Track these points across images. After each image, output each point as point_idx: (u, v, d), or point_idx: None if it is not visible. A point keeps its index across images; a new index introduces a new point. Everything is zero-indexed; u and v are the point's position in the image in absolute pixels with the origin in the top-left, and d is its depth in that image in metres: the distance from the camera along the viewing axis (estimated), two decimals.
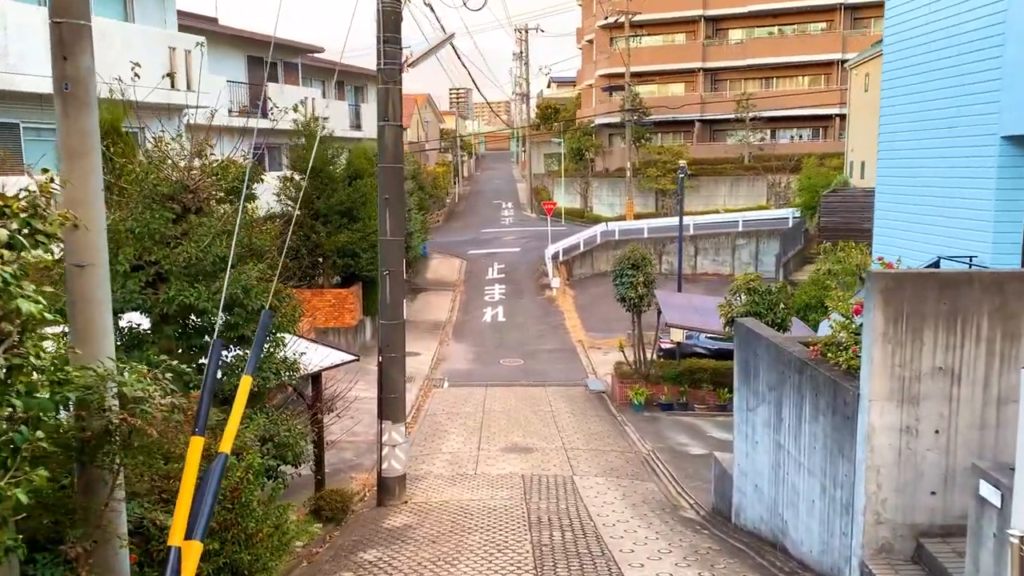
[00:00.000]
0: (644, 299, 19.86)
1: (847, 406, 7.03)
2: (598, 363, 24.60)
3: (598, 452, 15.67)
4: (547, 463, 14.76)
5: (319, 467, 11.73)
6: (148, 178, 7.80)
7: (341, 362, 11.66)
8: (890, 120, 15.50)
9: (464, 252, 42.18)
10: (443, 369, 24.18)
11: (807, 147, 47.38)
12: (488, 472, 14.12)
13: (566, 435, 16.95)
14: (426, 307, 32.84)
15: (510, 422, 18.04)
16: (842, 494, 7.13)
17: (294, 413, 8.65)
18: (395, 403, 11.55)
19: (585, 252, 38.53)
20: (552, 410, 19.33)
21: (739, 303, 11.59)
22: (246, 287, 7.79)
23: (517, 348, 26.57)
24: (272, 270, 8.65)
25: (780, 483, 8.76)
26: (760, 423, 9.39)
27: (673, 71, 51.52)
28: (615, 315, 29.84)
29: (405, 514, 11.24)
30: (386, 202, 10.99)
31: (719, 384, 19.55)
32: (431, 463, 14.93)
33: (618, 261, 20.51)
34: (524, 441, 16.41)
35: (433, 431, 17.46)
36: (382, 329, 11.43)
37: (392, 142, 10.99)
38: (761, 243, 38.65)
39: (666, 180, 47.33)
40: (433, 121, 73.47)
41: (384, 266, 11.17)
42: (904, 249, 12.95)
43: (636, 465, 14.89)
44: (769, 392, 9.05)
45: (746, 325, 9.79)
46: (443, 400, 20.50)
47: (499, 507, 11.41)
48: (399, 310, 11.33)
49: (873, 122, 29.41)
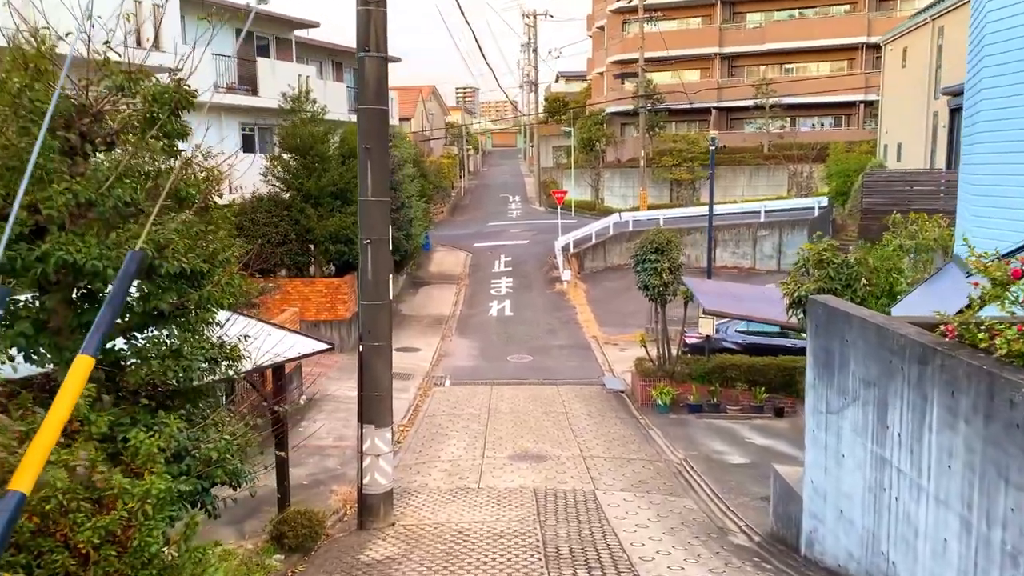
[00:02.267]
0: (669, 287, 17.63)
1: (1014, 409, 4.82)
2: (615, 360, 22.39)
3: (622, 461, 13.47)
4: (563, 474, 12.57)
5: (282, 482, 9.55)
6: (25, 94, 5.68)
7: (312, 352, 9.49)
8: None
9: (469, 245, 40.05)
10: (445, 366, 22.01)
11: (830, 135, 44.98)
12: (494, 485, 11.94)
13: (583, 440, 14.75)
14: (428, 301, 30.70)
15: (519, 425, 15.87)
16: (1005, 537, 4.92)
17: (236, 416, 6.48)
18: (379, 403, 9.38)
19: (597, 244, 36.28)
20: (566, 411, 17.14)
21: (808, 280, 9.40)
22: (159, 242, 5.64)
23: (526, 344, 24.39)
24: (208, 223, 6.48)
25: (884, 511, 6.55)
26: (849, 430, 7.18)
27: (688, 57, 49.19)
28: (631, 309, 27.69)
29: (390, 541, 9.06)
30: (367, 153, 8.84)
31: (754, 382, 17.33)
32: (427, 473, 12.76)
33: (639, 246, 18.29)
34: (535, 447, 14.22)
35: (432, 435, 15.29)
36: (363, 312, 9.28)
37: (375, 78, 8.84)
38: (785, 234, 36.26)
39: (681, 170, 45.09)
40: (438, 114, 71.43)
41: (366, 233, 9.03)
42: (993, 230, 10.69)
43: (667, 477, 12.68)
44: (866, 389, 6.84)
45: (827, 303, 7.58)
46: (444, 400, 18.33)
47: (507, 533, 9.23)
48: (384, 288, 9.17)
49: (911, 101, 27.17)
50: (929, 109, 25.30)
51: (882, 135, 31.05)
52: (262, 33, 28.40)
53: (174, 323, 6.12)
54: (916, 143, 26.33)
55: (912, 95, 26.84)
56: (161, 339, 6.00)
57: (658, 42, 47.93)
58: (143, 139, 6.40)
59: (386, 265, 9.20)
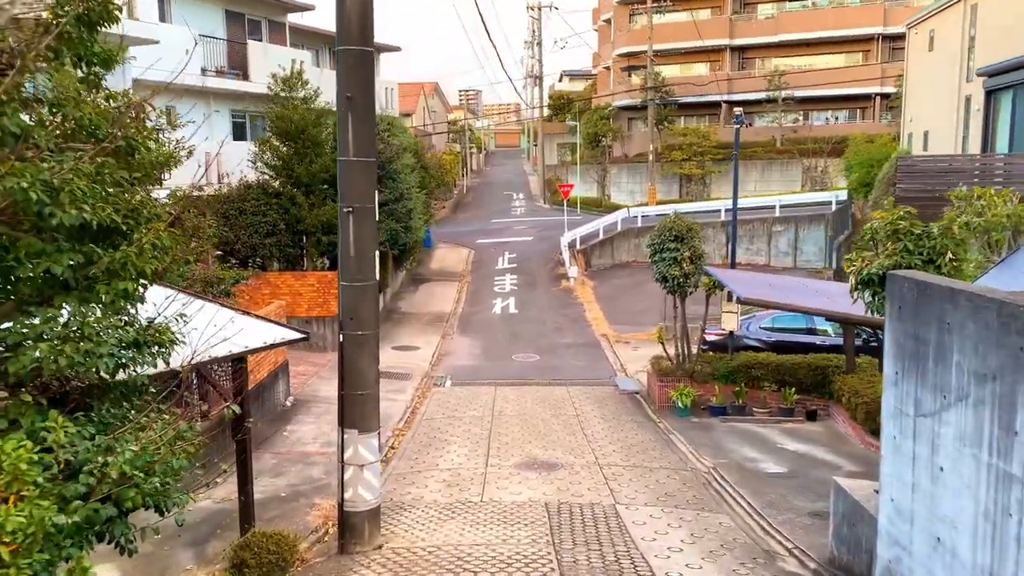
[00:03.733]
0: (691, 278, 16.11)
1: None
2: (627, 359, 20.88)
3: (643, 470, 11.95)
4: (578, 485, 11.05)
5: (244, 497, 8.03)
6: None
7: (282, 341, 7.99)
8: None
9: (472, 241, 38.59)
10: (446, 365, 20.51)
11: (845, 129, 43.36)
12: (499, 498, 10.43)
13: (598, 446, 13.24)
14: (429, 298, 29.22)
15: (526, 429, 14.36)
16: None
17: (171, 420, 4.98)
18: (363, 403, 7.88)
19: (605, 240, 34.75)
20: (577, 413, 15.63)
21: (878, 254, 7.86)
22: (52, 184, 4.17)
23: (532, 342, 22.88)
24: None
25: (1010, 544, 5.03)
26: (953, 437, 5.67)
27: (698, 49, 47.63)
28: (642, 307, 26.21)
29: (375, 569, 7.57)
30: (348, 103, 7.36)
31: (783, 383, 15.80)
32: (423, 484, 11.26)
33: (656, 234, 16.77)
34: (545, 454, 12.71)
35: (430, 440, 13.79)
36: (342, 293, 7.79)
37: (359, 10, 7.35)
38: (801, 229, 34.77)
39: (692, 164, 43.57)
40: (441, 111, 70.01)
41: (347, 200, 7.56)
42: None
43: (696, 488, 11.15)
44: (979, 386, 5.33)
45: (917, 279, 6.06)
46: (444, 401, 16.82)
47: (515, 559, 7.73)
48: (369, 265, 7.69)
49: (940, 86, 25.65)
50: (960, 93, 23.77)
51: (905, 124, 29.51)
52: (254, 15, 26.94)
53: (80, 297, 4.62)
54: (945, 130, 24.79)
55: (940, 80, 25.31)
56: (56, 315, 4.49)
57: (667, 34, 46.44)
58: (59, 63, 4.93)
59: (370, 238, 7.70)
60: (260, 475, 10.94)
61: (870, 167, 27.76)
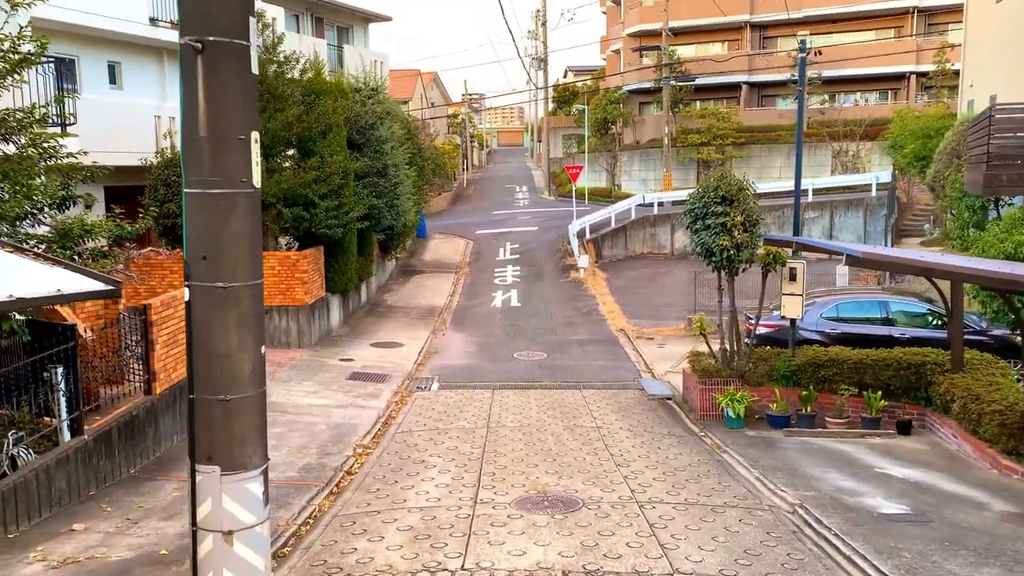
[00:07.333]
0: (743, 250, 12.50)
1: None
2: (653, 358, 17.27)
3: (702, 510, 8.31)
4: (610, 537, 7.44)
5: None
6: None
7: (77, 292, 4.36)
8: None
9: (471, 232, 35.10)
10: (433, 365, 16.90)
11: (876, 111, 39.67)
12: (491, 562, 6.83)
13: (631, 472, 9.62)
14: (420, 291, 25.65)
15: (531, 446, 10.76)
16: None
17: None
18: (233, 415, 4.25)
19: (617, 229, 31.15)
20: (598, 426, 12.01)
21: None
22: None
23: (537, 338, 19.28)
24: None
25: None
26: None
27: (715, 27, 44.04)
28: (663, 300, 22.62)
29: None
30: None
31: (866, 385, 12.20)
32: (379, 534, 7.65)
33: (697, 195, 13.18)
34: (559, 484, 9.09)
35: (401, 462, 10.17)
36: (188, 208, 4.07)
37: None
38: (837, 215, 31.24)
39: (710, 149, 39.91)
40: (440, 103, 66.50)
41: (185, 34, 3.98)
42: None
43: (788, 543, 7.50)
44: None
45: None
46: (428, 409, 13.21)
47: None
48: (238, 155, 4.08)
49: (1012, 44, 22.24)
50: None
51: (965, 90, 25.86)
52: None
53: None
54: (1019, 92, 21.12)
55: (1012, 35, 21.65)
56: None
57: (682, 10, 42.79)
58: None
59: (242, 100, 4.09)
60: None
61: (927, 137, 24.12)
